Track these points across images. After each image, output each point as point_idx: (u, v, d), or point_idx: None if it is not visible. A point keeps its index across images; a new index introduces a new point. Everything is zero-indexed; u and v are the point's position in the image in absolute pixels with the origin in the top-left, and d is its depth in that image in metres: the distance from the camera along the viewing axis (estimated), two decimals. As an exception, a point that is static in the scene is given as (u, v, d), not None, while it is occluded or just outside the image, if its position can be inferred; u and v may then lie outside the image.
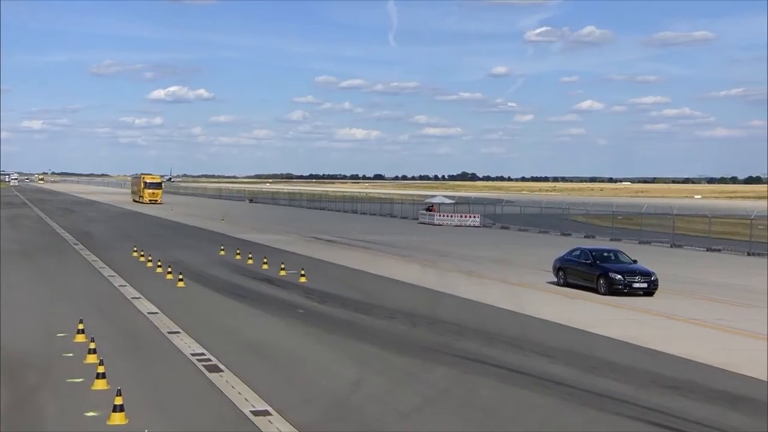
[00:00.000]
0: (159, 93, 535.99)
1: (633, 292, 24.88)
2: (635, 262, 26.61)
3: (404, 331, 18.81)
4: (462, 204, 79.96)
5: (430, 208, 68.75)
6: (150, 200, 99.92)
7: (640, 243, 48.57)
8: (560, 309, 22.37)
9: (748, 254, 41.94)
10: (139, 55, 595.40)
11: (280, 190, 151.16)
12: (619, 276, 25.06)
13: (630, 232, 54.73)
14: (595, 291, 25.37)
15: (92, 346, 15.31)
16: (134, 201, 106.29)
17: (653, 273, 25.53)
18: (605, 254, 26.82)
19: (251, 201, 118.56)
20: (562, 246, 42.94)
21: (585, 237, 52.96)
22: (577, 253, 27.22)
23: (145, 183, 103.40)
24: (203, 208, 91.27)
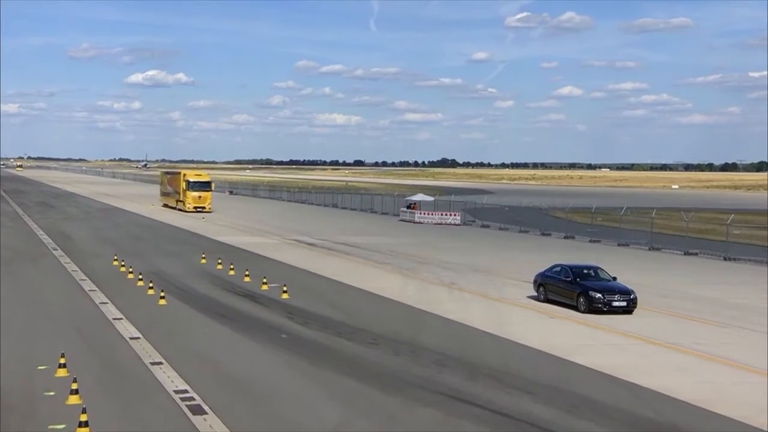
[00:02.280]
0: (137, 77, 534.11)
1: (613, 311, 25.17)
2: (615, 279, 26.90)
3: (387, 361, 18.89)
4: (443, 197, 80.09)
5: (411, 206, 68.85)
6: (195, 207, 69.43)
7: (618, 245, 49.07)
8: (541, 332, 22.55)
9: (725, 259, 42.55)
10: (116, 39, 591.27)
11: (261, 179, 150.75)
12: (599, 294, 25.32)
13: (609, 231, 55.23)
14: (575, 308, 25.64)
15: (74, 386, 15.26)
16: (166, 206, 75.83)
17: (632, 291, 25.83)
18: (585, 271, 27.04)
19: (231, 193, 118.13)
20: (542, 249, 43.37)
21: (565, 237, 53.48)
22: (558, 269, 27.43)
23: (188, 183, 70.35)
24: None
